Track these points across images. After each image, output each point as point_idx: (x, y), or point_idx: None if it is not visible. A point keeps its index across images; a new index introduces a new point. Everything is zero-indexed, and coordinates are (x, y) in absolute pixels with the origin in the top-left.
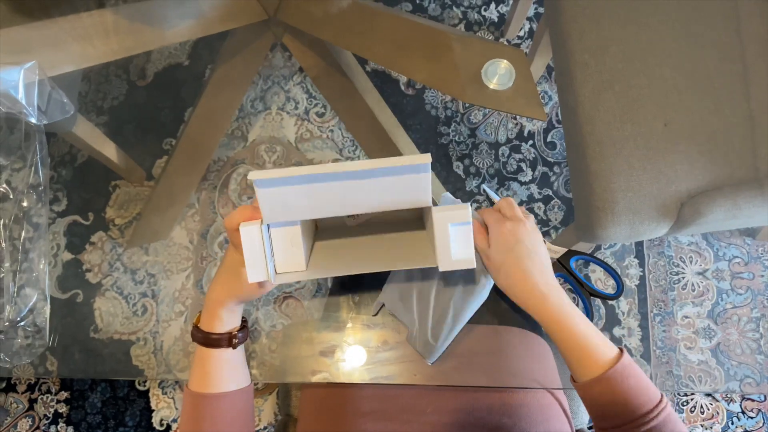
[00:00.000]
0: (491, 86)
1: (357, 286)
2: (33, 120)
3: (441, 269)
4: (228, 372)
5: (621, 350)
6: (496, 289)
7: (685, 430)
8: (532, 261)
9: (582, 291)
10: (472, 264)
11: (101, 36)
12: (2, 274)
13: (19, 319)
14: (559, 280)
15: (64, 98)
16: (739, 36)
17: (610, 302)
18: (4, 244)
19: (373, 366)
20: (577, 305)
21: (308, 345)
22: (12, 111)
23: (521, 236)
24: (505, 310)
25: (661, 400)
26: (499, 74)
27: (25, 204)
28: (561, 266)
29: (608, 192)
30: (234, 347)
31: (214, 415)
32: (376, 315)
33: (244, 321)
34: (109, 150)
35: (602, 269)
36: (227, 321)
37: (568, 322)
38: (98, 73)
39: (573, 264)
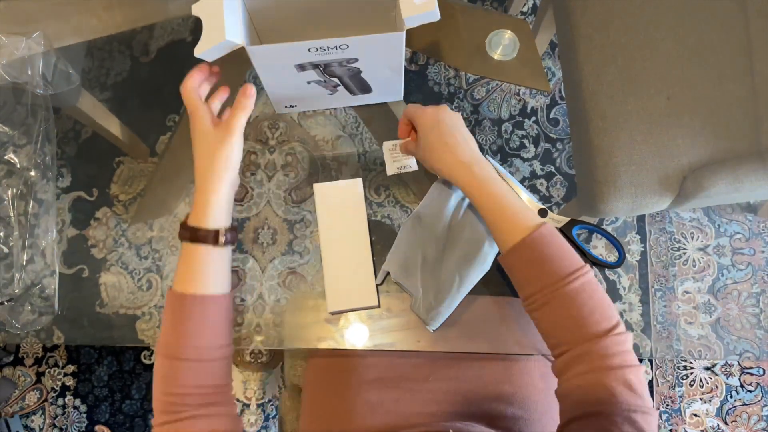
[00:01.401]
0: (495, 57)
1: None
2: (39, 90)
3: (404, 17)
4: (213, 273)
5: (545, 223)
6: (498, 266)
7: (605, 297)
8: (453, 136)
9: (584, 260)
10: (434, 8)
11: (105, 8)
12: (11, 244)
13: (28, 285)
14: None
15: (70, 69)
16: (744, 10)
17: (611, 273)
18: (12, 215)
19: (376, 333)
20: None
21: (314, 312)
22: (18, 81)
23: (441, 116)
24: (509, 283)
25: (582, 267)
26: (503, 45)
27: (32, 174)
28: (563, 235)
29: (611, 166)
30: (221, 245)
31: (195, 316)
32: (381, 284)
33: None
34: (113, 126)
35: (605, 239)
36: (218, 216)
37: (490, 189)
38: (101, 49)
39: (575, 234)
